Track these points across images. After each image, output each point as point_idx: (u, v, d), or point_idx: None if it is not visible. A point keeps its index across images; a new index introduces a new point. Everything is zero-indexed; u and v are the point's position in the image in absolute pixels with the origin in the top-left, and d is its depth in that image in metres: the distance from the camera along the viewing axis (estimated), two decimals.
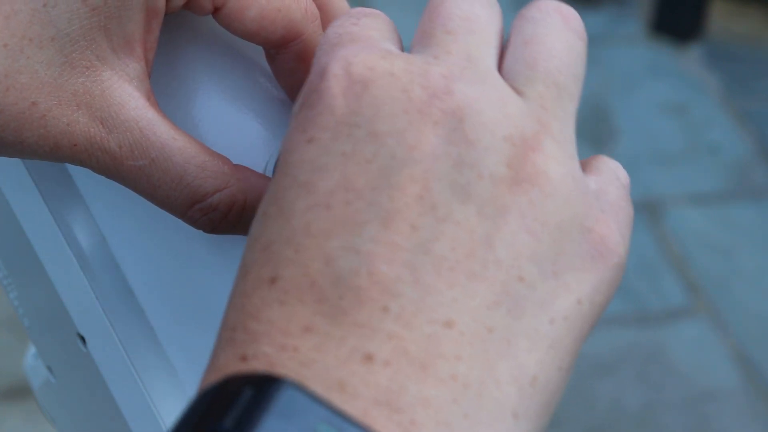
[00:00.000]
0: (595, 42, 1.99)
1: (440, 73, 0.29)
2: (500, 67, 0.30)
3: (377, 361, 0.26)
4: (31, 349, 0.43)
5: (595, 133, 1.81)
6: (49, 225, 0.37)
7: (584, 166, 0.31)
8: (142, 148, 0.33)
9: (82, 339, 0.38)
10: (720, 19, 2.05)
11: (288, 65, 0.35)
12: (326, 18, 0.36)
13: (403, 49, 0.32)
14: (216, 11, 0.34)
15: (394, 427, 0.25)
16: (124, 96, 0.33)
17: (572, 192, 0.29)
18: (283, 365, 0.26)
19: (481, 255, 0.27)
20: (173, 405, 0.37)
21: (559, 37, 0.31)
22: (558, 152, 0.29)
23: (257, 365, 0.26)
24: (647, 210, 1.71)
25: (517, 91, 0.30)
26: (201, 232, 0.34)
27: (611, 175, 0.31)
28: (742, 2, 2.08)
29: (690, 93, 1.91)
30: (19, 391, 1.40)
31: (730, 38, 2.02)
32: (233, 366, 0.27)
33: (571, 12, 0.31)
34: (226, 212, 0.34)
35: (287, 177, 0.29)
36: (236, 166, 0.34)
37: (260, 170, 0.36)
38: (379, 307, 0.27)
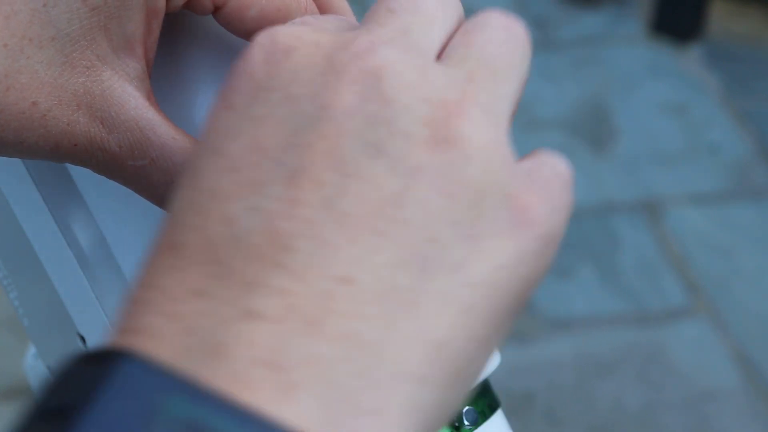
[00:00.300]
0: (595, 42, 2.00)
1: (368, 39, 0.28)
2: (439, 55, 0.30)
3: (263, 319, 0.25)
4: (31, 349, 0.43)
5: (594, 133, 1.82)
6: (49, 225, 0.37)
7: (523, 157, 0.30)
8: (142, 148, 0.33)
9: (82, 339, 0.38)
10: (720, 19, 2.05)
11: None
12: None
13: None
14: (216, 11, 0.34)
15: (270, 388, 0.24)
16: (125, 96, 0.33)
17: (496, 158, 0.28)
18: (163, 336, 0.25)
19: (389, 213, 0.26)
20: None
21: (500, 34, 0.30)
22: (483, 121, 0.28)
23: (135, 340, 0.25)
24: (647, 210, 1.71)
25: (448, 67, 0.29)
26: None
27: (549, 162, 0.30)
28: (742, 2, 2.08)
29: (690, 93, 1.91)
30: (19, 391, 1.40)
31: (730, 38, 2.02)
32: (123, 339, 0.26)
33: (516, 20, 0.31)
34: None
35: (201, 145, 0.28)
36: None
37: None
38: (271, 262, 0.26)
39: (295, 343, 0.25)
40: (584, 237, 1.66)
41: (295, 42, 0.28)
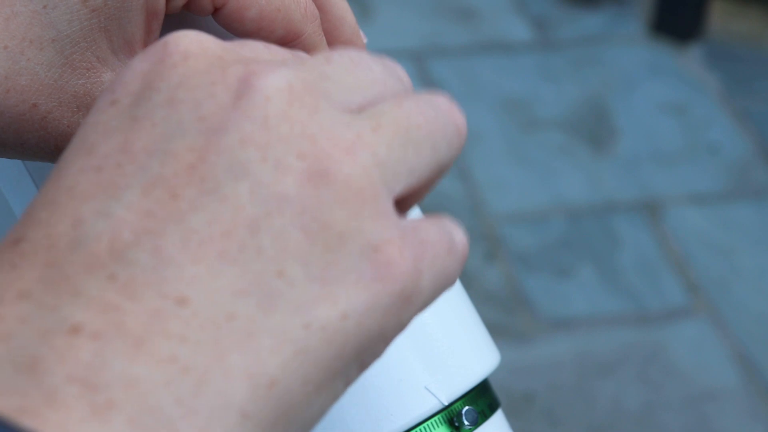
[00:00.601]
0: (594, 42, 2.00)
1: (277, 66, 0.27)
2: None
3: (84, 333, 0.24)
4: None
5: (594, 133, 1.82)
6: None
7: (419, 218, 0.28)
8: None
9: None
10: (720, 19, 2.05)
11: None
12: (326, 18, 0.36)
13: None
14: (216, 12, 0.34)
15: (82, 407, 0.23)
16: None
17: (370, 207, 0.26)
18: None
19: (241, 237, 0.25)
20: None
21: (435, 111, 0.29)
22: (371, 169, 0.27)
23: None
24: (647, 210, 1.71)
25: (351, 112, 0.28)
26: None
27: (444, 227, 0.28)
28: (742, 2, 2.08)
29: (690, 93, 1.91)
30: None
31: (730, 38, 2.03)
32: None
33: (461, 113, 0.30)
34: None
35: (76, 138, 0.27)
36: None
37: None
38: (105, 274, 0.24)
39: (114, 363, 0.24)
40: (584, 237, 1.66)
41: (197, 48, 0.27)
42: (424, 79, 1.89)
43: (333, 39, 0.37)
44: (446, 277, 0.28)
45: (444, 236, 0.28)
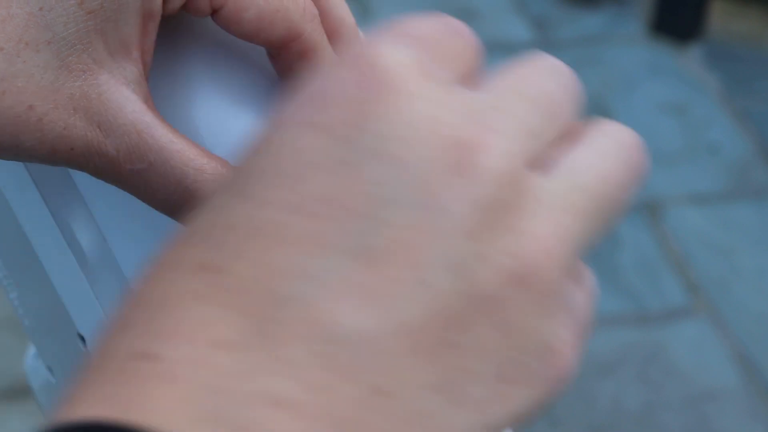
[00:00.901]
0: (595, 42, 2.00)
1: (489, 128, 0.25)
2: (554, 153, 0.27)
3: (290, 409, 0.23)
4: (32, 349, 0.43)
5: None
6: (49, 225, 0.37)
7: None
8: (140, 151, 0.33)
9: (82, 339, 0.38)
10: (720, 19, 2.05)
11: (290, 65, 0.35)
12: (324, 19, 0.36)
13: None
14: (214, 13, 0.34)
15: None
16: (122, 99, 0.33)
17: (556, 306, 0.26)
18: (181, 385, 0.23)
19: (441, 333, 0.24)
20: None
21: (618, 165, 0.28)
22: (567, 264, 0.26)
23: (152, 371, 0.23)
24: (647, 210, 1.71)
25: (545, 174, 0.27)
26: None
27: (589, 289, 0.28)
28: (742, 2, 2.08)
29: (690, 93, 1.91)
30: (19, 391, 1.40)
31: (730, 38, 2.02)
32: (129, 362, 0.23)
33: (641, 152, 0.29)
34: None
35: (272, 158, 0.25)
36: (229, 164, 0.34)
37: None
38: (314, 349, 0.23)
39: None
40: None
41: (410, 84, 0.25)
42: None
43: (332, 41, 0.36)
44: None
45: (588, 300, 0.28)
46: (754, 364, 1.51)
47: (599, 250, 1.64)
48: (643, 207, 1.71)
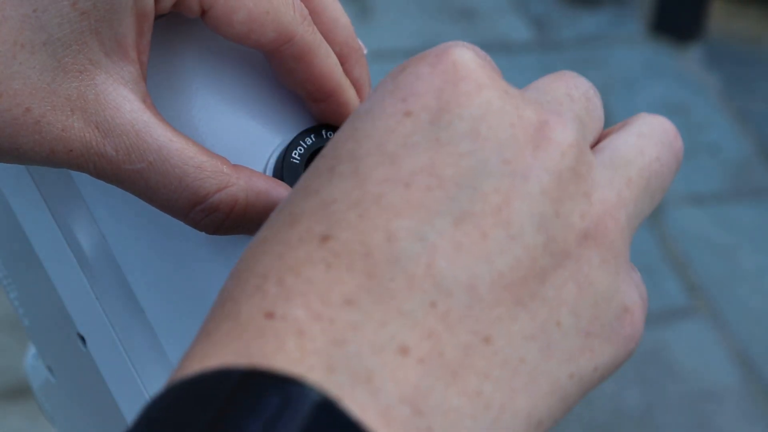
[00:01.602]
0: (595, 42, 2.00)
1: (554, 112, 0.29)
2: (597, 141, 0.32)
3: (412, 355, 0.25)
4: (32, 349, 0.43)
5: None
6: (49, 225, 0.37)
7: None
8: (139, 151, 0.33)
9: (82, 339, 0.38)
10: (720, 20, 2.05)
11: (285, 66, 0.35)
12: (319, 21, 0.36)
13: None
14: (204, 14, 0.34)
15: (410, 430, 0.24)
16: (119, 99, 0.33)
17: (622, 267, 0.29)
18: (313, 337, 0.25)
19: (533, 286, 0.27)
20: None
21: (668, 154, 0.32)
22: (626, 228, 0.29)
23: (283, 328, 0.25)
24: None
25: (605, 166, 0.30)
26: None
27: (640, 280, 0.31)
28: (742, 2, 2.08)
29: (690, 93, 1.91)
30: (20, 391, 1.40)
31: (729, 38, 2.03)
32: (256, 322, 0.25)
33: (680, 141, 0.32)
34: (228, 212, 0.33)
35: (370, 141, 0.28)
36: (235, 165, 0.34)
37: (260, 170, 0.36)
38: (427, 300, 0.26)
39: (437, 390, 0.25)
40: None
41: (487, 79, 0.28)
42: None
43: (328, 42, 0.37)
44: None
45: (643, 289, 0.31)
46: (754, 364, 1.52)
47: None
48: None
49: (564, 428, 1.43)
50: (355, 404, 0.24)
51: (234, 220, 0.34)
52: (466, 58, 0.29)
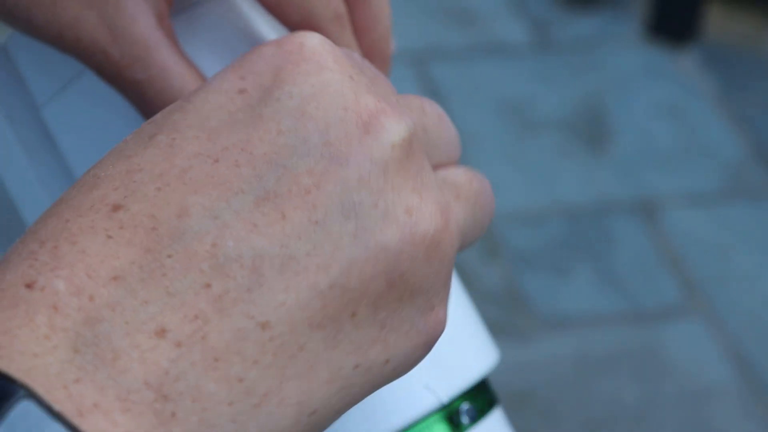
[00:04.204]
0: (591, 44, 2.00)
1: (398, 107, 0.28)
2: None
3: (169, 338, 0.23)
4: None
5: (591, 135, 1.82)
6: None
7: None
8: (143, 63, 0.33)
9: None
10: (716, 22, 2.05)
11: None
12: (361, 15, 0.36)
13: None
14: None
15: (150, 416, 0.23)
16: (137, 10, 0.33)
17: (445, 271, 0.28)
18: (67, 314, 0.23)
19: (333, 275, 0.25)
20: None
21: (487, 190, 0.32)
22: (455, 236, 0.28)
23: (38, 299, 0.23)
24: (644, 211, 1.71)
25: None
26: None
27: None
28: (739, 4, 2.08)
29: (686, 95, 1.91)
30: None
31: (726, 40, 2.03)
32: (15, 290, 0.23)
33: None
34: None
35: (196, 115, 0.26)
36: None
37: None
38: (202, 281, 0.24)
39: (190, 375, 0.24)
40: (581, 237, 1.66)
41: (332, 62, 0.27)
42: (424, 81, 1.89)
43: (362, 37, 0.37)
44: None
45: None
46: (749, 362, 1.52)
47: (597, 250, 1.64)
48: (639, 208, 1.71)
49: (560, 426, 1.43)
50: (94, 386, 0.23)
51: None
52: (315, 42, 0.27)
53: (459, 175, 0.31)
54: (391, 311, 0.27)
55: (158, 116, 0.27)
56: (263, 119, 0.26)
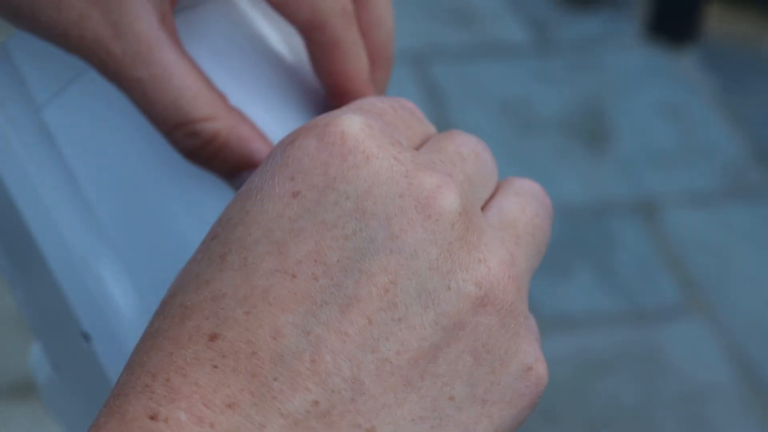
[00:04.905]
0: (591, 44, 2.00)
1: (446, 174, 0.28)
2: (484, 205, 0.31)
3: None
4: (36, 347, 0.43)
5: (591, 135, 1.82)
6: (53, 224, 0.37)
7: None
8: (145, 62, 0.33)
9: (87, 336, 0.38)
10: (716, 22, 2.05)
11: (314, 53, 0.36)
12: (363, 18, 0.36)
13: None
14: None
15: None
16: (140, 10, 0.33)
17: (522, 327, 0.28)
18: None
19: (423, 365, 0.26)
20: None
21: (542, 208, 0.32)
22: (523, 287, 0.29)
23: (166, 430, 0.24)
24: (644, 210, 1.71)
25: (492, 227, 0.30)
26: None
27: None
28: (739, 4, 2.08)
29: (686, 95, 1.91)
30: (25, 389, 1.40)
31: (726, 41, 2.03)
32: (140, 422, 0.25)
33: (546, 196, 0.32)
34: (207, 141, 0.34)
35: (259, 228, 0.27)
36: (230, 106, 0.34)
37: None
38: (310, 399, 0.25)
39: None
40: (581, 237, 1.66)
41: (375, 149, 0.28)
42: (424, 81, 1.89)
43: (365, 40, 0.37)
44: None
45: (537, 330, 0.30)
46: (748, 362, 1.52)
47: (597, 250, 1.64)
48: (639, 208, 1.71)
49: (560, 426, 1.43)
50: None
51: (209, 152, 0.34)
52: (354, 129, 0.28)
53: (510, 206, 0.31)
54: (489, 385, 0.27)
55: (220, 230, 0.28)
56: (327, 226, 0.27)
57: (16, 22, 0.34)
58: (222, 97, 0.34)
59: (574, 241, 1.65)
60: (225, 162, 0.34)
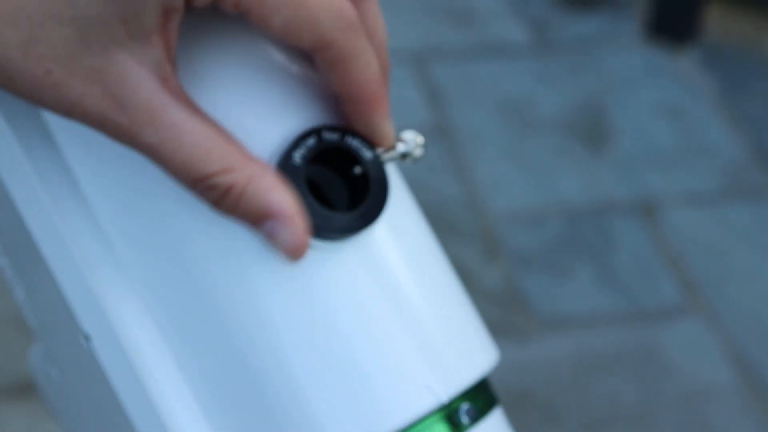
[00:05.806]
0: (591, 44, 2.00)
1: None
2: None
3: None
4: (36, 347, 0.43)
5: (591, 135, 1.82)
6: (54, 225, 0.37)
7: None
8: (153, 128, 0.34)
9: (87, 337, 0.38)
10: (716, 22, 2.05)
11: (324, 68, 0.36)
12: (365, 22, 0.37)
13: None
14: (241, 14, 0.35)
15: None
16: (140, 79, 0.34)
17: None
18: None
19: None
20: (176, 401, 0.37)
21: None
22: None
23: None
24: (644, 211, 1.71)
25: None
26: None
27: None
28: (739, 5, 2.08)
29: (686, 95, 1.91)
30: (25, 389, 1.40)
31: (726, 41, 2.03)
32: None
33: None
34: (224, 193, 0.34)
35: None
36: (247, 155, 0.35)
37: (271, 158, 0.36)
38: None
39: None
40: (581, 237, 1.66)
41: None
42: (424, 81, 1.89)
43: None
44: None
45: None
46: (749, 362, 1.52)
47: (597, 250, 1.64)
48: (639, 208, 1.71)
49: (560, 426, 1.43)
50: None
51: (229, 204, 0.35)
52: None
53: None
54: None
55: None
56: None
57: (23, 99, 0.35)
58: (236, 147, 0.35)
59: (573, 241, 1.65)
60: (247, 212, 0.35)
